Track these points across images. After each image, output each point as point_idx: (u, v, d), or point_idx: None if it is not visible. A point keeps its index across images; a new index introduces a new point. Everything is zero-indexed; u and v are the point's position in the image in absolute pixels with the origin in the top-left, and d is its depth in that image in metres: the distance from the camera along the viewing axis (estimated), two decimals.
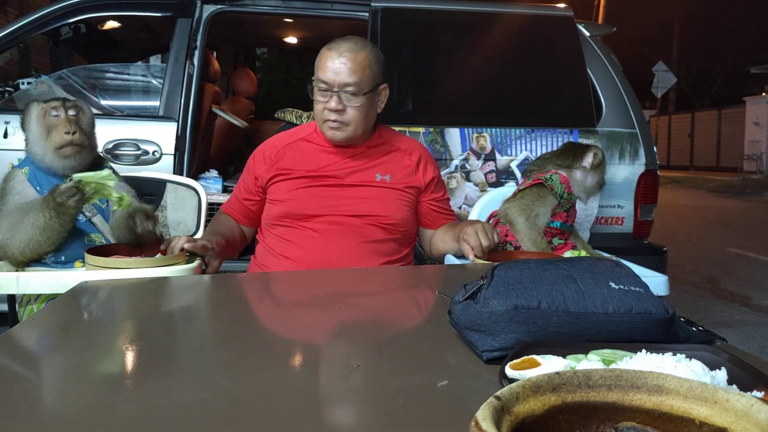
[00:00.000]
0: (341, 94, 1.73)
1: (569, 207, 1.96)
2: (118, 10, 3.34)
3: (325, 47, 1.78)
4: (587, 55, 3.11)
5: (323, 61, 1.75)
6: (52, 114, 1.71)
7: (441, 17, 3.15)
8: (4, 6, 8.43)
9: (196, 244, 1.65)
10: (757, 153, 18.91)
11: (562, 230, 1.96)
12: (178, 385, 0.79)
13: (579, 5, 5.04)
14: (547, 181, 1.94)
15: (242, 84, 4.61)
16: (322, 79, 1.74)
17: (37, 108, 1.73)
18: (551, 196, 1.93)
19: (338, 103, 1.72)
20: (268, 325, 1.17)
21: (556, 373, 0.50)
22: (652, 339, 0.84)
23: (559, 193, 1.93)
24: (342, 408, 0.73)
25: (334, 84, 1.72)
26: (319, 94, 1.76)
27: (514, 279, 0.87)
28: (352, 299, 1.33)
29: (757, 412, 0.46)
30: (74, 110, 1.74)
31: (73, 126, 1.69)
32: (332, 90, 1.73)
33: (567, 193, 1.94)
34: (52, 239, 1.64)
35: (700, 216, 9.90)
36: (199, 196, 2.06)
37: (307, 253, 1.73)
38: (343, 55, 1.73)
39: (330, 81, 1.72)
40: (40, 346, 0.99)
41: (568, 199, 1.95)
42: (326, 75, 1.73)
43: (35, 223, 1.61)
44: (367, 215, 1.77)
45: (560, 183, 1.94)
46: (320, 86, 1.75)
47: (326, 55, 1.75)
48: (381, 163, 1.84)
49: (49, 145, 1.69)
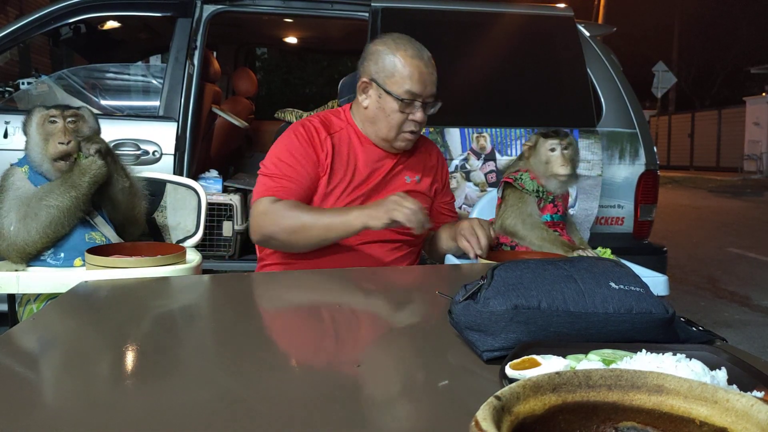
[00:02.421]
0: (427, 105, 1.69)
1: (552, 198, 1.95)
2: (118, 10, 3.35)
3: (401, 52, 1.68)
4: (587, 55, 3.12)
5: (410, 69, 1.66)
6: (50, 120, 1.70)
7: (441, 17, 3.15)
8: (4, 6, 8.43)
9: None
10: (757, 153, 18.91)
11: (555, 221, 1.95)
12: (178, 385, 0.79)
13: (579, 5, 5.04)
14: (516, 181, 1.94)
15: (242, 84, 4.61)
16: (413, 90, 1.66)
17: (38, 114, 1.72)
18: (526, 194, 1.92)
19: (423, 114, 1.68)
20: (268, 325, 1.17)
21: (557, 373, 0.50)
22: (652, 339, 0.84)
23: (532, 189, 1.92)
24: (342, 408, 0.73)
25: (424, 95, 1.67)
26: (401, 105, 1.67)
27: (514, 279, 0.87)
28: (353, 299, 1.33)
29: (757, 412, 0.46)
30: (73, 118, 1.71)
31: (68, 135, 1.67)
32: (421, 101, 1.68)
33: (540, 186, 1.93)
34: (72, 219, 1.66)
35: (700, 216, 9.90)
36: (199, 196, 2.05)
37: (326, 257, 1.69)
38: (430, 64, 1.68)
39: (421, 92, 1.67)
40: (40, 346, 0.99)
41: (547, 190, 1.94)
42: (417, 86, 1.66)
43: (59, 205, 1.62)
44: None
45: (530, 179, 1.93)
46: (405, 97, 1.66)
47: (414, 64, 1.67)
48: (409, 164, 1.83)
49: (46, 155, 1.68)
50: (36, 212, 1.63)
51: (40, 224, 1.62)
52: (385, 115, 1.71)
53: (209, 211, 2.94)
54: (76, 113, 1.73)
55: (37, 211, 1.63)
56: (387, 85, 1.69)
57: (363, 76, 1.75)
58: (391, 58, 1.69)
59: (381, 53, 1.71)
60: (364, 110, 1.75)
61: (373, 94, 1.73)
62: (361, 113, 1.77)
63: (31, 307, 1.68)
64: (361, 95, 1.75)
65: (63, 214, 1.63)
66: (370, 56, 1.74)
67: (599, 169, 2.97)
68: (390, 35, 1.75)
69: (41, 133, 1.70)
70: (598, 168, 2.97)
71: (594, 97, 3.08)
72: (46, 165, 1.69)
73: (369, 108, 1.74)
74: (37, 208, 1.63)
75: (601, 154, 2.98)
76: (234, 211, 3.25)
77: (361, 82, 1.74)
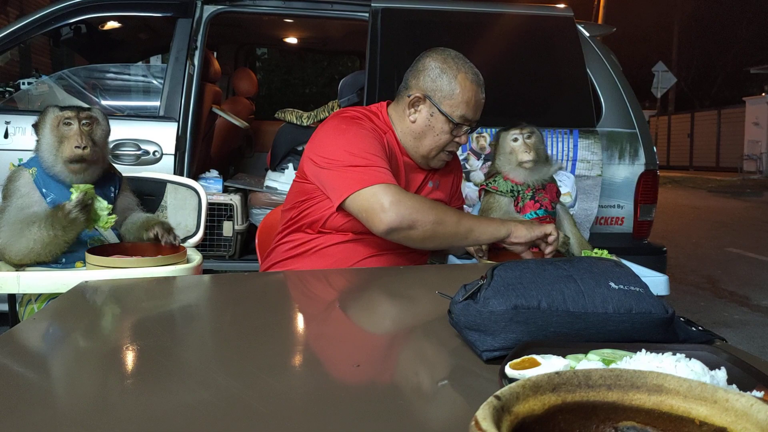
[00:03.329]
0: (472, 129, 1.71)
1: (532, 194, 1.93)
2: (119, 10, 3.35)
3: (462, 75, 1.66)
4: (587, 55, 3.12)
5: (469, 95, 1.66)
6: (65, 123, 1.68)
7: (441, 17, 3.15)
8: (5, 6, 8.43)
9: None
10: (757, 153, 18.91)
11: (540, 217, 1.94)
12: (178, 385, 0.79)
13: (579, 5, 5.04)
14: (489, 185, 1.95)
15: (242, 84, 4.61)
16: (467, 116, 1.67)
17: (52, 115, 1.70)
18: (500, 195, 1.92)
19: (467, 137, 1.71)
20: (268, 325, 1.17)
21: (556, 373, 0.50)
22: (651, 339, 0.84)
23: (506, 190, 1.92)
24: (342, 408, 0.73)
25: (474, 120, 1.69)
26: (452, 127, 1.67)
27: (513, 279, 0.87)
28: (353, 299, 1.33)
29: (756, 412, 0.46)
30: (88, 121, 1.70)
31: (84, 140, 1.66)
32: (470, 126, 1.69)
33: (515, 185, 1.92)
34: (52, 253, 1.64)
35: (700, 216, 9.90)
36: (199, 196, 2.06)
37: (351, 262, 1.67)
38: (483, 89, 1.70)
39: (473, 118, 1.68)
40: (40, 346, 0.99)
41: (523, 189, 1.92)
42: (471, 113, 1.67)
43: (38, 239, 1.60)
44: None
45: (503, 180, 1.93)
46: (459, 121, 1.66)
47: (473, 89, 1.67)
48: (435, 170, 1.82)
49: (60, 157, 1.67)
50: (19, 237, 1.61)
51: (20, 250, 1.62)
52: (433, 134, 1.68)
53: (209, 211, 2.94)
54: (90, 116, 1.71)
55: (19, 237, 1.61)
56: (443, 105, 1.66)
57: (415, 91, 1.69)
58: (450, 79, 1.66)
59: (440, 71, 1.67)
60: (411, 124, 1.70)
61: (424, 111, 1.68)
62: (405, 125, 1.72)
63: (31, 306, 1.68)
64: (410, 109, 1.70)
65: (42, 248, 1.62)
66: (427, 72, 1.69)
67: (599, 169, 2.97)
68: (445, 51, 1.71)
69: (56, 134, 1.68)
70: (598, 168, 2.97)
71: (594, 97, 3.08)
72: (59, 166, 1.68)
73: (417, 123, 1.69)
74: (20, 234, 1.61)
75: (600, 154, 2.98)
76: (234, 211, 3.25)
77: (414, 97, 1.68)
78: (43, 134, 1.70)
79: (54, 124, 1.69)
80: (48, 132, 1.69)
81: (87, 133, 1.68)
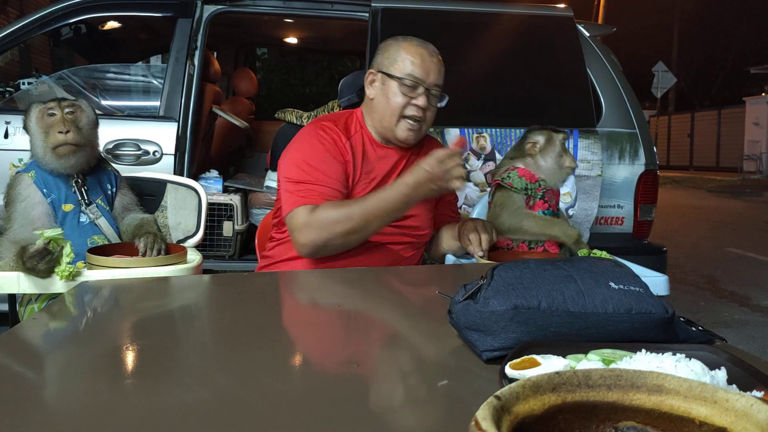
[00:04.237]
0: (430, 93, 1.69)
1: (542, 194, 1.94)
2: (119, 10, 3.35)
3: (406, 43, 1.72)
4: (587, 55, 3.12)
5: (413, 56, 1.69)
6: (48, 114, 1.72)
7: (441, 17, 3.15)
8: (5, 6, 8.43)
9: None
10: (757, 153, 18.92)
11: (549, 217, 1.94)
12: (178, 385, 0.79)
13: (579, 5, 5.04)
14: (504, 180, 1.93)
15: (242, 84, 4.61)
16: (414, 74, 1.67)
17: (36, 109, 1.74)
18: (514, 192, 1.91)
19: (426, 101, 1.68)
20: (268, 325, 1.17)
21: (556, 373, 0.50)
22: (651, 339, 0.84)
23: (520, 187, 1.92)
24: (342, 408, 0.73)
25: (425, 81, 1.68)
26: (403, 88, 1.68)
27: (514, 279, 0.87)
28: (352, 299, 1.33)
29: (756, 412, 0.46)
30: (71, 108, 1.74)
31: (67, 125, 1.69)
32: (423, 86, 1.68)
33: (530, 183, 1.92)
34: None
35: (700, 216, 9.90)
36: (199, 196, 2.06)
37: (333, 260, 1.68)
38: (435, 55, 1.71)
39: (422, 78, 1.68)
40: (40, 346, 0.99)
41: (535, 187, 1.93)
42: (419, 71, 1.67)
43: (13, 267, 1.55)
44: (408, 227, 1.75)
45: (518, 177, 1.91)
46: (406, 81, 1.68)
47: (417, 52, 1.70)
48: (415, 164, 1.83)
49: (47, 145, 1.70)
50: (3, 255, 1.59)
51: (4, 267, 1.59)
52: (386, 100, 1.70)
53: (209, 211, 2.94)
54: (73, 104, 1.76)
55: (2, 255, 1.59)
56: (390, 70, 1.70)
57: (370, 69, 1.76)
58: (395, 47, 1.72)
59: (388, 45, 1.74)
60: (371, 102, 1.74)
61: (377, 83, 1.73)
62: (368, 107, 1.76)
63: (31, 306, 1.68)
64: (369, 89, 1.75)
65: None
66: (378, 51, 1.77)
67: (599, 169, 2.97)
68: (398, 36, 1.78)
69: (42, 126, 1.72)
70: (598, 168, 2.97)
71: (594, 97, 3.08)
72: (48, 156, 1.70)
73: (374, 98, 1.73)
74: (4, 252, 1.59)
75: (600, 154, 2.98)
76: (234, 211, 3.25)
77: (368, 74, 1.75)
78: (32, 129, 1.74)
79: (39, 117, 1.73)
80: (35, 126, 1.73)
81: (71, 120, 1.71)
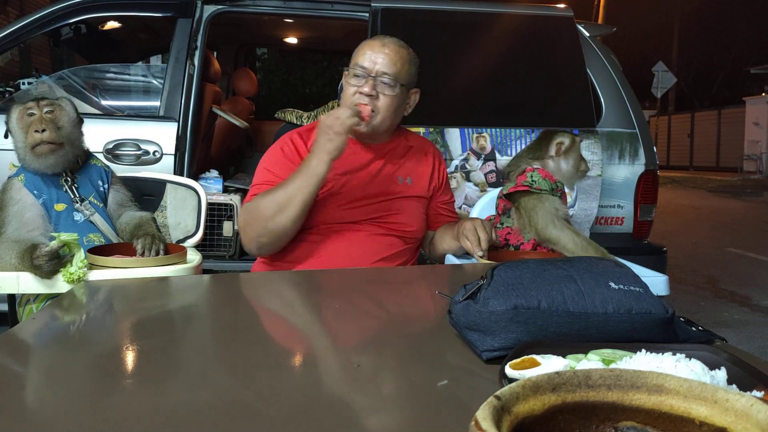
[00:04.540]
0: (377, 81, 1.72)
1: (559, 195, 1.94)
2: (119, 10, 3.35)
3: (368, 40, 1.81)
4: (587, 55, 3.11)
5: (364, 48, 1.76)
6: (28, 113, 1.72)
7: (441, 17, 3.15)
8: (5, 6, 8.43)
9: None
10: (757, 153, 18.91)
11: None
12: (178, 385, 0.79)
13: (579, 5, 5.04)
14: (532, 186, 1.89)
15: (242, 84, 4.61)
16: (360, 63, 1.73)
17: (17, 110, 1.74)
18: (545, 194, 1.89)
19: (372, 88, 1.71)
20: (267, 325, 1.17)
21: (556, 373, 0.50)
22: (651, 339, 0.84)
23: (548, 189, 1.91)
24: (342, 408, 0.73)
25: (372, 70, 1.72)
26: (353, 79, 1.74)
27: (513, 279, 0.87)
28: (352, 299, 1.33)
29: (756, 412, 0.46)
30: (50, 108, 1.73)
31: (44, 124, 1.68)
32: (369, 75, 1.72)
33: (552, 183, 1.92)
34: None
35: (700, 216, 9.90)
36: (199, 196, 2.06)
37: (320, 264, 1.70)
38: (387, 46, 1.75)
39: (368, 67, 1.72)
40: (40, 346, 0.99)
41: (555, 188, 1.93)
42: (365, 61, 1.73)
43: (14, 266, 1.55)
44: (392, 224, 1.76)
45: (542, 179, 1.90)
46: (356, 71, 1.73)
47: (368, 44, 1.77)
48: (401, 164, 1.84)
49: (26, 145, 1.70)
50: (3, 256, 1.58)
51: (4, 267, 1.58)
52: (345, 93, 1.77)
53: (209, 211, 2.94)
54: (52, 102, 1.75)
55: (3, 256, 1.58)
56: (350, 65, 1.77)
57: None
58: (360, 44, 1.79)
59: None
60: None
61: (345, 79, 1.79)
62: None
63: (31, 307, 1.68)
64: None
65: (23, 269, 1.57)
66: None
67: (599, 169, 2.97)
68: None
69: (21, 126, 1.71)
70: (598, 168, 2.97)
71: (594, 97, 3.08)
72: (28, 156, 1.70)
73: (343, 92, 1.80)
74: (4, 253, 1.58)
75: (600, 154, 2.98)
76: (234, 211, 3.25)
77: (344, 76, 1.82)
78: (13, 131, 1.74)
79: (19, 117, 1.72)
80: (15, 126, 1.73)
81: (50, 119, 1.71)
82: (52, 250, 1.49)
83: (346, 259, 1.70)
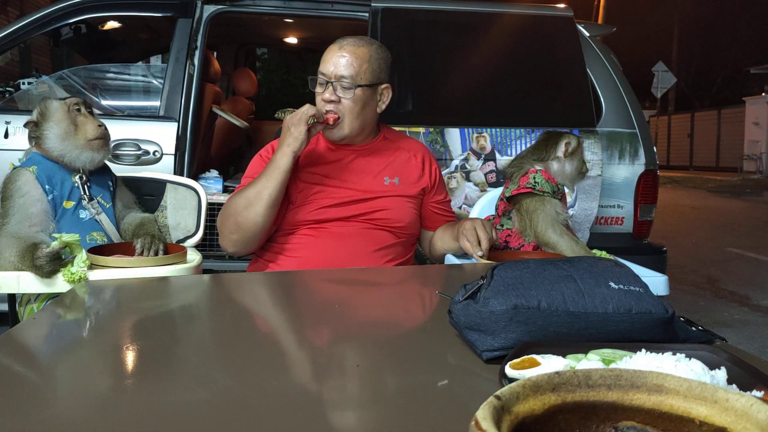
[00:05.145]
0: (336, 86, 1.74)
1: (560, 197, 1.94)
2: (119, 10, 3.35)
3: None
4: (587, 55, 3.11)
5: (325, 54, 1.78)
6: (75, 109, 1.75)
7: (441, 17, 3.15)
8: (5, 6, 8.44)
9: None
10: (757, 153, 18.91)
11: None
12: (178, 385, 0.79)
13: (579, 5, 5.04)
14: (535, 188, 1.89)
15: (242, 84, 4.61)
16: (321, 71, 1.77)
17: (58, 104, 1.75)
18: (548, 196, 1.90)
19: (332, 93, 1.74)
20: (267, 325, 1.17)
21: (556, 373, 0.50)
22: (651, 339, 0.84)
23: (551, 191, 1.91)
24: (342, 408, 0.73)
25: (331, 76, 1.74)
26: (318, 87, 1.78)
27: (513, 279, 0.87)
28: (352, 299, 1.33)
29: (756, 412, 0.46)
30: (88, 109, 1.80)
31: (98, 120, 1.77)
32: (329, 81, 1.74)
33: (554, 186, 1.92)
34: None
35: (700, 216, 9.90)
36: (199, 196, 2.06)
37: (314, 256, 1.72)
38: (344, 48, 1.76)
39: (327, 73, 1.75)
40: (40, 346, 0.99)
41: (557, 190, 1.93)
42: (324, 67, 1.76)
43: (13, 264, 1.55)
44: (380, 219, 1.77)
45: (545, 181, 1.90)
46: (319, 78, 1.78)
47: (328, 49, 1.79)
48: (387, 165, 1.84)
49: (80, 139, 1.72)
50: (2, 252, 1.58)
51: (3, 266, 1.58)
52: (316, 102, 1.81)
53: (209, 211, 2.93)
54: (87, 103, 1.82)
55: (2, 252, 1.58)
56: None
57: None
58: None
59: None
60: None
61: None
62: None
63: (31, 306, 1.68)
64: None
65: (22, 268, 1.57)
66: None
67: (599, 169, 2.97)
68: None
69: (71, 120, 1.74)
70: (598, 168, 2.97)
71: (594, 97, 3.08)
72: (78, 150, 1.72)
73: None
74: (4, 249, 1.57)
75: (600, 154, 2.98)
76: None
77: None
78: (51, 125, 1.73)
79: (65, 111, 1.75)
80: (60, 121, 1.73)
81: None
82: (53, 251, 1.50)
83: (341, 250, 1.71)
